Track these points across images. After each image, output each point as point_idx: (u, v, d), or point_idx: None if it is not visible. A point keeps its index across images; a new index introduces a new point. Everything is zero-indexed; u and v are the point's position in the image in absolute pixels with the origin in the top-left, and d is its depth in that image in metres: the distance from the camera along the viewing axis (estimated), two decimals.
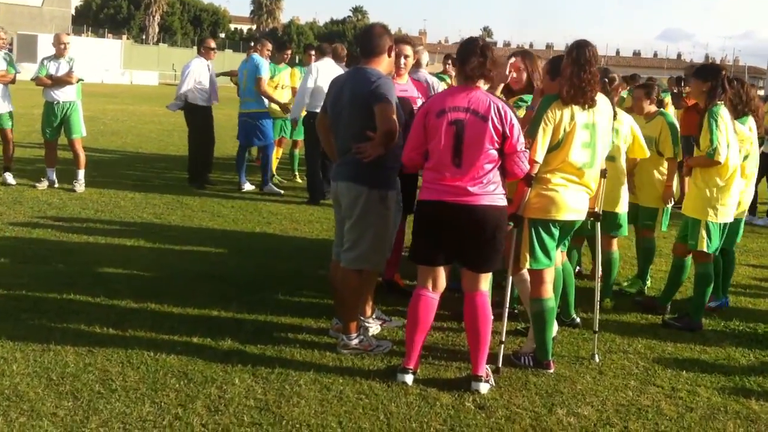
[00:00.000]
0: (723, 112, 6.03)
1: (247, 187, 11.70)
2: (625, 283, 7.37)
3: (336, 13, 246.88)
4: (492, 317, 4.83)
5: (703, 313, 6.33)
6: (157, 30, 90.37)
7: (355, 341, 5.23)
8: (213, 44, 12.37)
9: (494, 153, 4.63)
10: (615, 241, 6.89)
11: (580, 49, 5.00)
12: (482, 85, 4.71)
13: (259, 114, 11.64)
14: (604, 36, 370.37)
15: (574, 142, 4.92)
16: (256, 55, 11.70)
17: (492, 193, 4.66)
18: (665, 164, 7.07)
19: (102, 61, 47.80)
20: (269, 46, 12.09)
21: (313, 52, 13.36)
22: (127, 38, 74.88)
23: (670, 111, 11.80)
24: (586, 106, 4.95)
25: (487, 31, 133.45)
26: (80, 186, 10.82)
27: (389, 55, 5.21)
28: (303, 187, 12.02)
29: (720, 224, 6.16)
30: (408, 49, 6.34)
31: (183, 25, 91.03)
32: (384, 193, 5.12)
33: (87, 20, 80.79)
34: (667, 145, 7.05)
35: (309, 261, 7.71)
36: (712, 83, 6.15)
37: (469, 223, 4.65)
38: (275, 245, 8.35)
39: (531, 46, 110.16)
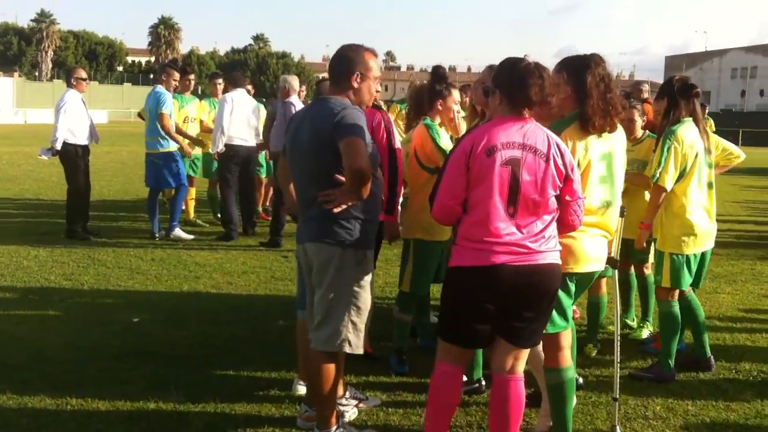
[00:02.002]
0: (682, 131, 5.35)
1: (161, 234, 10.54)
2: (631, 324, 6.63)
3: (236, 41, 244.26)
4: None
5: (673, 359, 5.54)
6: (50, 66, 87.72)
7: None
8: (84, 74, 10.84)
9: (554, 200, 3.75)
10: (603, 283, 6.11)
11: (601, 63, 4.20)
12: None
13: (166, 154, 10.43)
14: (500, 55, 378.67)
15: (591, 177, 4.10)
16: (159, 88, 10.45)
17: (554, 249, 3.77)
18: None
19: None
20: (176, 75, 10.79)
21: (219, 81, 12.46)
22: (19, 75, 71.89)
23: None
24: (603, 133, 4.15)
25: (390, 55, 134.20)
26: None
27: (359, 81, 4.25)
28: (218, 230, 10.97)
29: (689, 256, 5.45)
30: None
31: (78, 60, 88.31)
32: (362, 253, 4.15)
33: None
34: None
35: (252, 323, 6.66)
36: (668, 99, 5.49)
37: (529, 289, 3.70)
38: (209, 306, 7.24)
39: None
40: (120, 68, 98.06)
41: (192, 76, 11.85)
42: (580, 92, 4.17)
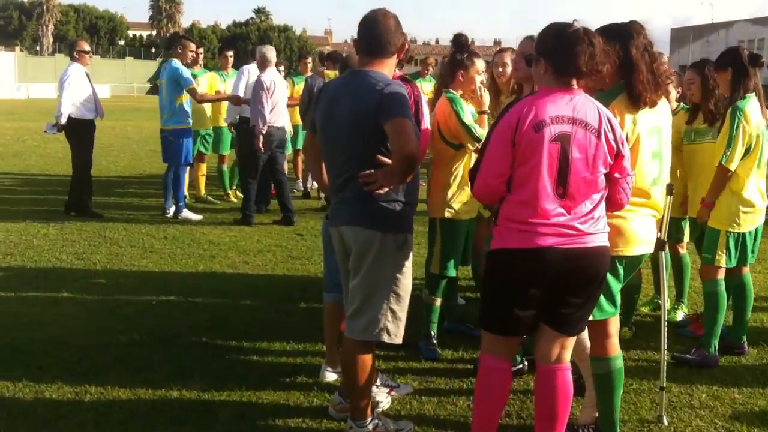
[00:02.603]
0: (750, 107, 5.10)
1: (173, 210, 10.24)
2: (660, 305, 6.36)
3: (238, 15, 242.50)
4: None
5: (718, 342, 5.31)
6: (51, 40, 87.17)
7: (369, 427, 4.02)
8: (87, 46, 10.57)
9: (603, 178, 3.49)
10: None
11: (642, 31, 3.93)
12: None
13: (180, 131, 10.08)
14: (496, 33, 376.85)
15: (642, 153, 3.84)
16: (175, 62, 10.11)
17: (603, 231, 3.52)
18: None
19: None
20: (192, 46, 10.51)
21: (230, 53, 12.17)
22: (20, 50, 71.34)
23: None
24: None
25: None
26: None
27: (399, 56, 4.01)
28: (238, 207, 10.70)
29: (745, 234, 5.25)
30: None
31: (79, 34, 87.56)
32: (402, 237, 3.90)
33: None
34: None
35: (274, 305, 6.44)
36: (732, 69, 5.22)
37: (577, 273, 3.46)
38: (227, 287, 7.01)
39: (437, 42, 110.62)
40: (121, 42, 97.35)
41: (201, 50, 11.56)
42: (624, 64, 3.90)
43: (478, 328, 3.78)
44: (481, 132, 5.18)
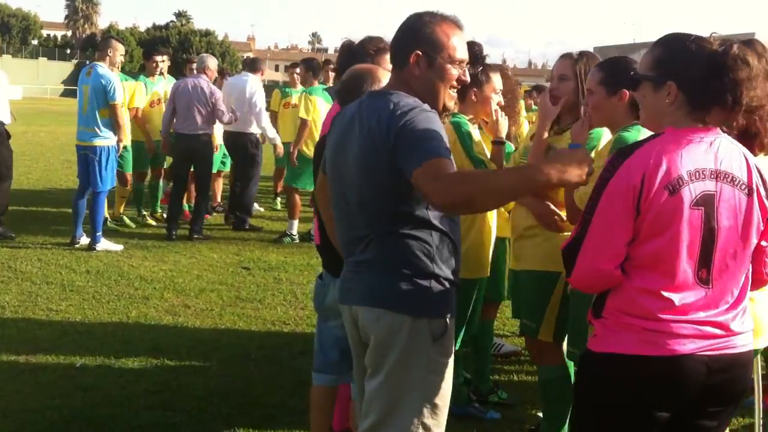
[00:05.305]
0: None
1: (84, 240, 8.75)
2: None
3: (158, 17, 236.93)
4: None
5: None
6: None
7: None
8: None
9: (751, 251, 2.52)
10: None
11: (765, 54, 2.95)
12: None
13: (103, 149, 8.57)
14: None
15: None
16: (101, 68, 8.58)
17: (750, 329, 2.53)
18: None
19: None
20: (120, 48, 8.99)
21: (161, 58, 10.80)
22: None
23: None
24: None
25: (316, 36, 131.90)
26: None
27: (422, 67, 2.87)
28: (159, 233, 9.53)
29: None
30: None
31: None
32: (440, 324, 2.82)
33: None
34: None
35: (225, 367, 5.27)
36: None
37: (722, 390, 2.47)
38: (167, 341, 5.75)
39: None
40: (35, 42, 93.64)
41: (159, 57, 10.34)
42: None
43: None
44: (494, 168, 4.16)
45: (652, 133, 2.54)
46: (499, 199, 2.87)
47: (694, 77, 2.43)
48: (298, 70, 10.75)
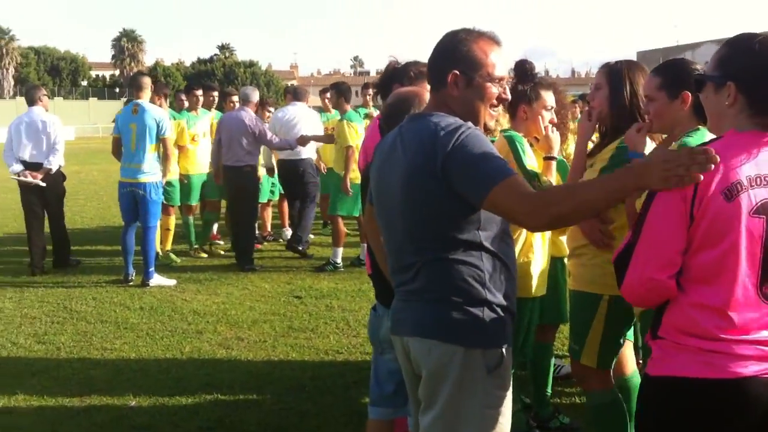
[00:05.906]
0: None
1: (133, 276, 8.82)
2: None
3: (201, 51, 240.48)
4: None
5: None
6: (12, 83, 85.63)
7: None
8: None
9: None
10: None
11: None
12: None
13: (150, 185, 8.66)
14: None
15: None
16: (144, 103, 8.67)
17: None
18: None
19: None
20: (147, 80, 9.02)
21: (200, 92, 10.84)
22: None
23: None
24: None
25: (358, 60, 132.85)
26: None
27: (461, 86, 2.74)
28: (211, 265, 9.50)
29: None
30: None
31: (40, 76, 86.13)
32: (495, 355, 2.68)
33: None
34: None
35: (280, 400, 5.19)
36: None
37: None
38: (221, 375, 5.72)
39: None
40: (84, 83, 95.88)
41: (199, 92, 10.44)
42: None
43: None
44: (547, 181, 4.05)
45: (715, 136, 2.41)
46: (591, 212, 2.67)
47: (755, 78, 2.29)
48: (328, 95, 10.77)
